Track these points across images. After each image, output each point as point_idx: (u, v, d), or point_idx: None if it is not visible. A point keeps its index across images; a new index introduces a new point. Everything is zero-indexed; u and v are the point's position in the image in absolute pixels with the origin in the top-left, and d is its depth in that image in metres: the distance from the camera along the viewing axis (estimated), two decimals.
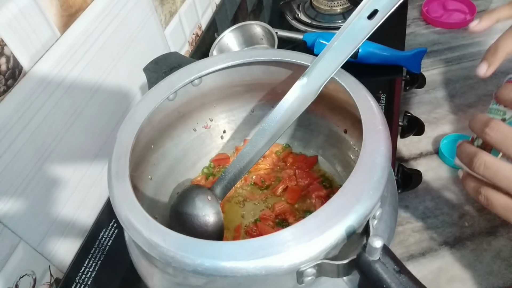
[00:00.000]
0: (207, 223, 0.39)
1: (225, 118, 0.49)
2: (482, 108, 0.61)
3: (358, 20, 0.33)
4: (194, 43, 0.73)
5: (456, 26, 0.76)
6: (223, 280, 0.27)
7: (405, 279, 0.25)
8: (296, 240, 0.26)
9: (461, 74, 0.67)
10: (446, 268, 0.45)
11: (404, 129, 0.56)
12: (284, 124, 0.38)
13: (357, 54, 0.62)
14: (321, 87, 0.36)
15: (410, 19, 0.79)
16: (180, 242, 0.27)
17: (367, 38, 0.33)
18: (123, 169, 0.32)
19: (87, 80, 0.48)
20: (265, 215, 0.44)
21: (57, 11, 0.43)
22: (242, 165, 0.39)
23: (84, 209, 0.51)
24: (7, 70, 0.38)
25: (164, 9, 0.63)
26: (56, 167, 0.45)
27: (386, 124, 0.32)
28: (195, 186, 0.43)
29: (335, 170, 0.47)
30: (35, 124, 0.42)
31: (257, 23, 0.70)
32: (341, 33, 0.34)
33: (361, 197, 0.27)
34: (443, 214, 0.49)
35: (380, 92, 0.59)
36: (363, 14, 0.33)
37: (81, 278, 0.46)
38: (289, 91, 0.37)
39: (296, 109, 0.37)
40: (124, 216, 0.29)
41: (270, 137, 0.38)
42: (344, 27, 0.34)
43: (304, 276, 0.27)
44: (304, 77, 0.36)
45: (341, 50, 0.34)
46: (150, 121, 0.37)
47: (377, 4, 0.32)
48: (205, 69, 0.40)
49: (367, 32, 0.33)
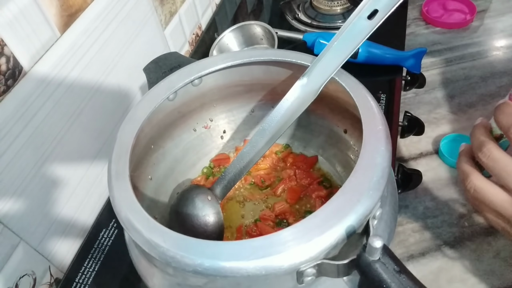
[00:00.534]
0: (207, 223, 0.39)
1: (225, 118, 0.49)
2: (482, 108, 0.61)
3: (358, 20, 0.33)
4: (194, 43, 0.73)
5: (456, 26, 0.76)
6: (223, 280, 0.27)
7: (405, 279, 0.25)
8: (296, 240, 0.26)
9: (461, 74, 0.67)
10: (446, 268, 0.45)
11: (404, 129, 0.56)
12: (284, 124, 0.38)
13: (357, 54, 0.62)
14: (321, 87, 0.36)
15: (410, 19, 0.79)
16: (180, 242, 0.27)
17: (367, 38, 0.33)
18: (123, 169, 0.32)
19: (87, 80, 0.48)
20: (265, 215, 0.44)
21: (57, 11, 0.43)
22: (242, 165, 0.39)
23: (84, 209, 0.51)
24: (7, 70, 0.38)
25: (164, 9, 0.63)
26: (56, 167, 0.45)
27: (386, 124, 0.32)
28: (195, 186, 0.43)
29: (335, 170, 0.47)
30: (35, 124, 0.42)
31: (257, 23, 0.70)
32: (341, 33, 0.34)
33: (361, 197, 0.27)
34: (443, 214, 0.49)
35: (380, 92, 0.59)
36: (363, 14, 0.33)
37: (81, 278, 0.46)
38: (289, 91, 0.37)
39: (296, 109, 0.37)
40: (124, 216, 0.29)
41: (270, 137, 0.38)
42: (344, 27, 0.34)
43: (304, 276, 0.27)
44: (304, 77, 0.36)
45: (341, 50, 0.34)
46: (150, 121, 0.37)
47: (377, 4, 0.32)
48: (205, 69, 0.40)
49: (367, 32, 0.33)
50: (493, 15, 0.78)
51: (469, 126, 0.58)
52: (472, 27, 0.76)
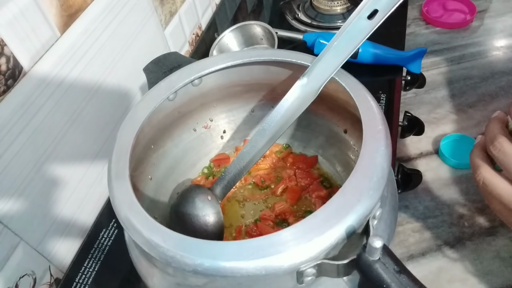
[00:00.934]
0: (207, 223, 0.39)
1: (225, 118, 0.49)
2: (482, 108, 0.61)
3: (358, 20, 0.33)
4: (194, 43, 0.73)
5: (456, 26, 0.76)
6: (223, 280, 0.27)
7: (405, 279, 0.25)
8: (296, 240, 0.26)
9: (461, 74, 0.67)
10: (446, 268, 0.45)
11: (404, 129, 0.56)
12: (284, 124, 0.38)
13: (357, 54, 0.62)
14: (321, 87, 0.36)
15: (410, 19, 0.79)
16: (180, 242, 0.27)
17: (367, 38, 0.33)
18: (123, 169, 0.32)
19: (87, 80, 0.48)
20: (265, 215, 0.44)
21: (57, 11, 0.43)
22: (242, 165, 0.39)
23: (84, 209, 0.51)
24: (7, 70, 0.38)
25: (164, 9, 0.63)
26: (56, 167, 0.45)
27: (386, 124, 0.32)
28: (195, 186, 0.43)
29: (335, 170, 0.47)
30: (35, 124, 0.42)
31: (257, 23, 0.70)
32: (341, 33, 0.34)
33: (361, 197, 0.27)
34: (443, 214, 0.49)
35: (380, 92, 0.59)
36: (363, 14, 0.33)
37: (81, 278, 0.46)
38: (289, 91, 0.37)
39: (296, 109, 0.37)
40: (124, 216, 0.29)
41: (270, 137, 0.38)
42: (344, 27, 0.34)
43: (304, 276, 0.27)
44: (304, 77, 0.36)
45: (341, 50, 0.34)
46: (150, 121, 0.37)
47: (377, 4, 0.32)
48: (205, 69, 0.40)
49: (367, 32, 0.33)
50: (493, 15, 0.78)
51: (469, 126, 0.58)
52: (472, 27, 0.76)
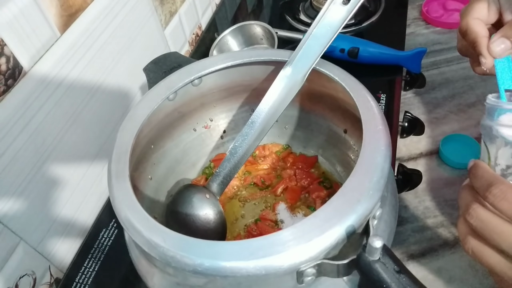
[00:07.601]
0: (209, 222, 0.39)
1: (225, 118, 0.49)
2: (482, 108, 0.60)
3: (333, 5, 0.33)
4: (194, 43, 0.73)
5: (456, 26, 0.76)
6: (223, 280, 0.27)
7: (405, 279, 0.25)
8: (296, 240, 0.26)
9: (461, 74, 0.67)
10: (446, 268, 0.45)
11: (404, 129, 0.56)
12: (273, 115, 0.38)
13: (357, 54, 0.62)
14: (305, 75, 0.36)
15: (410, 19, 0.79)
16: (180, 242, 0.27)
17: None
18: (123, 169, 0.32)
19: (87, 80, 0.48)
20: (265, 215, 0.44)
21: (57, 11, 0.43)
22: (235, 160, 0.40)
23: (84, 209, 0.51)
24: (7, 70, 0.38)
25: (164, 9, 0.63)
26: (56, 167, 0.45)
27: (386, 124, 0.32)
28: (190, 185, 0.42)
29: (335, 170, 0.47)
30: (35, 124, 0.42)
31: (257, 23, 0.70)
32: (318, 20, 0.34)
33: (361, 197, 0.27)
34: (443, 214, 0.49)
35: (380, 92, 0.59)
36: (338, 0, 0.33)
37: (81, 278, 0.46)
38: (274, 82, 0.38)
39: (283, 99, 0.38)
40: (124, 216, 0.29)
41: (260, 129, 0.39)
42: (321, 14, 0.34)
43: (304, 276, 0.27)
44: (287, 66, 0.37)
45: (321, 36, 0.35)
46: (150, 121, 0.37)
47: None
48: (205, 69, 0.40)
49: (345, 17, 0.33)
50: None
51: (469, 126, 0.58)
52: None
